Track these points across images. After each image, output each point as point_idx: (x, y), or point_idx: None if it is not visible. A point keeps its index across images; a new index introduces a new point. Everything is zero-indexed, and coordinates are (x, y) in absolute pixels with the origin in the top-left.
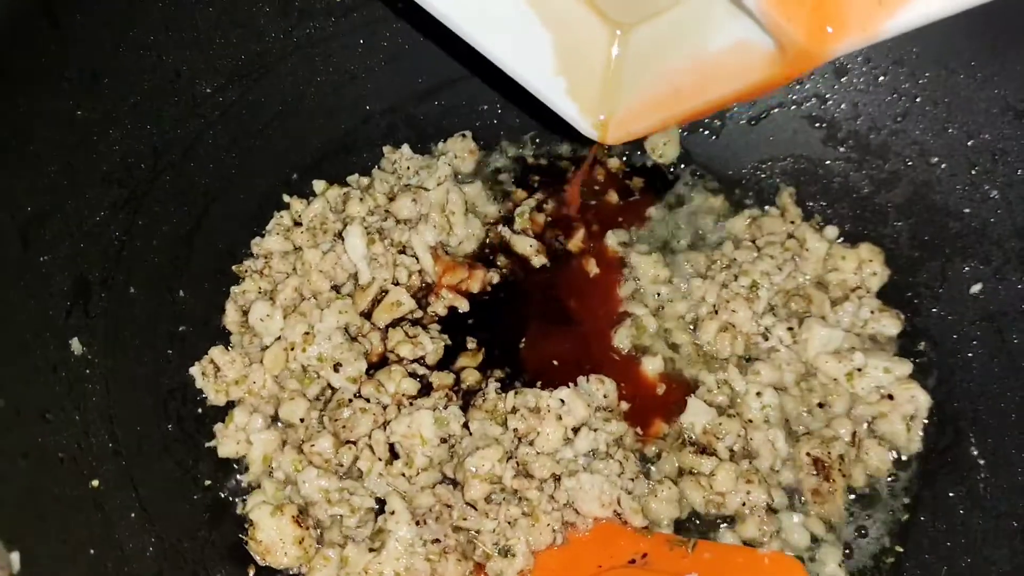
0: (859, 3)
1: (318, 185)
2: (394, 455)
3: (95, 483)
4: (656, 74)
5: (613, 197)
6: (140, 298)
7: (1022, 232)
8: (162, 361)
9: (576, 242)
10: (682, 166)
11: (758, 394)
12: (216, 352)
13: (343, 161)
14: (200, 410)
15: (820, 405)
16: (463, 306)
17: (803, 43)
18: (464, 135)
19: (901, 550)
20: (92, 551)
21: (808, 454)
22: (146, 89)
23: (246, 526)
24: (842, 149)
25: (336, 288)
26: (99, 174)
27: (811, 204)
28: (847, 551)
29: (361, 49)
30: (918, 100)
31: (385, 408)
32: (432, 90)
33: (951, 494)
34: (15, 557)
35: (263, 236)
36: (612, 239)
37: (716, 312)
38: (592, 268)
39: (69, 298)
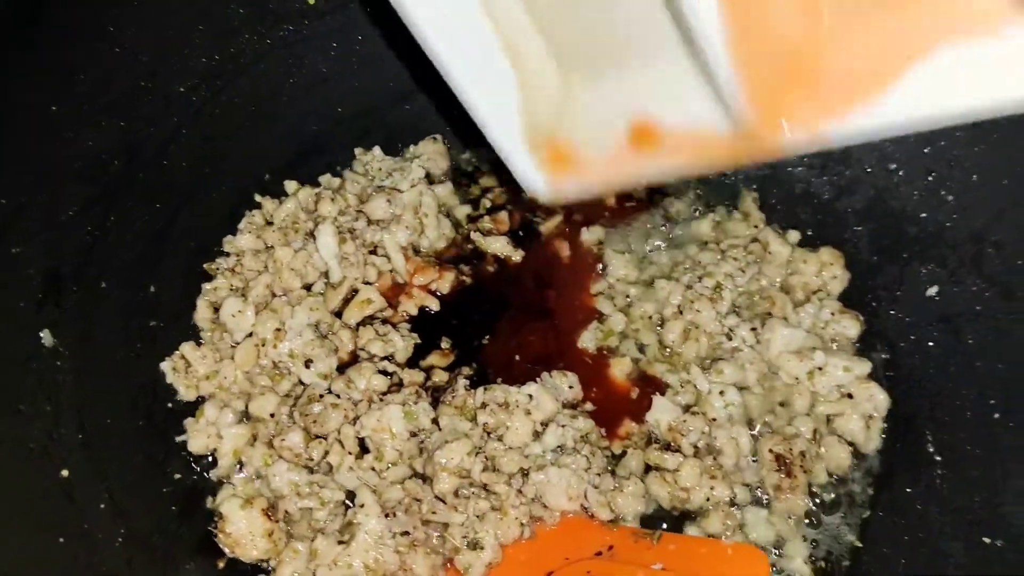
0: (808, 106)
1: (290, 186)
2: (364, 450)
3: (65, 473)
4: (599, 136)
5: (610, 199)
6: (111, 293)
7: (977, 236)
8: (132, 356)
9: (550, 226)
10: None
11: (721, 393)
12: (187, 348)
13: (315, 162)
14: (170, 405)
15: (782, 404)
16: (434, 306)
17: (753, 126)
18: (435, 138)
19: (860, 544)
20: (62, 539)
21: (771, 450)
22: (120, 87)
23: (215, 519)
24: (804, 156)
25: (307, 287)
26: (73, 169)
27: (774, 209)
28: (811, 546)
29: (334, 52)
30: None
31: (356, 404)
32: (403, 94)
33: (909, 489)
34: None
35: (235, 235)
36: (588, 235)
37: (681, 312)
38: (564, 251)
39: (41, 290)
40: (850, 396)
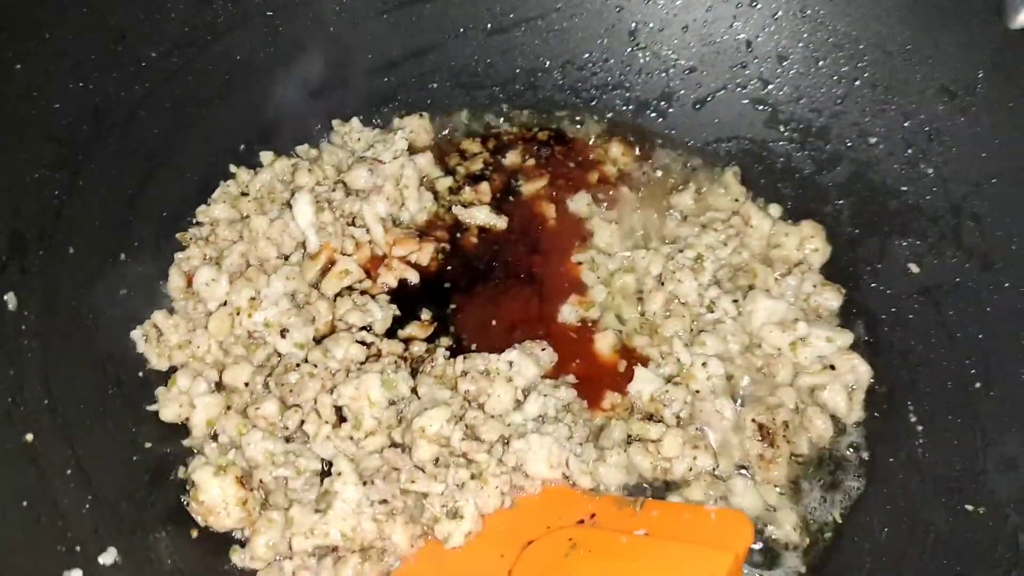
0: None
1: (266, 156)
2: (341, 419)
3: (29, 437)
4: None
5: (593, 177)
6: (79, 259)
7: (956, 209)
8: (101, 323)
9: (532, 188)
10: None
11: (704, 364)
12: (159, 316)
13: (290, 133)
14: (141, 373)
15: (764, 375)
16: (413, 278)
17: None
18: (422, 115)
19: (843, 514)
20: (25, 503)
21: (753, 420)
22: (88, 48)
23: (188, 488)
24: (784, 131)
25: (284, 258)
26: (39, 130)
27: (755, 184)
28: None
29: (310, 24)
30: (857, 83)
31: (333, 374)
32: (381, 66)
33: (891, 459)
34: None
35: (209, 204)
36: (574, 204)
37: (662, 284)
38: (550, 214)
39: (5, 252)
40: (832, 367)
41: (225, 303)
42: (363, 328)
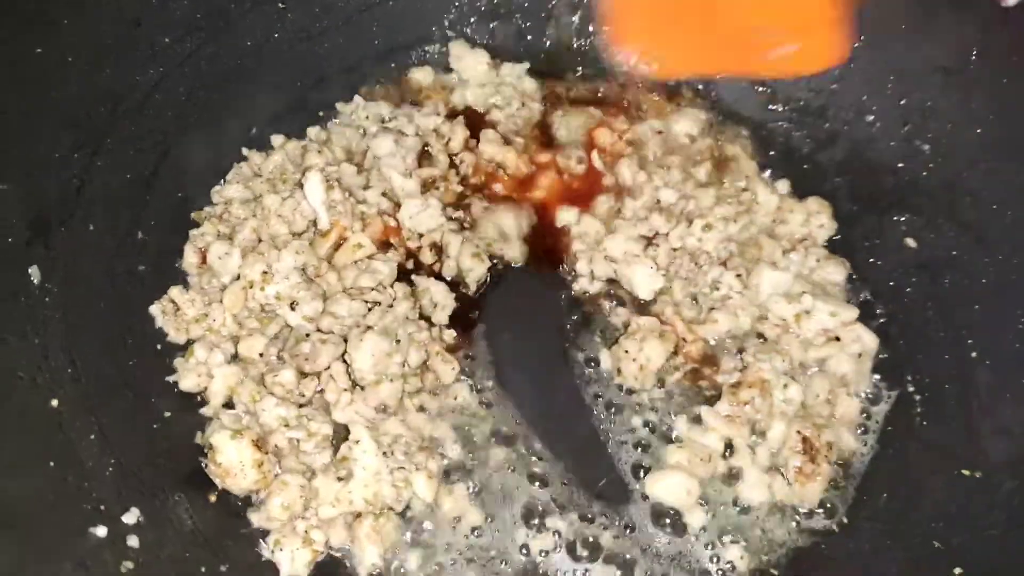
0: None
1: (276, 139)
2: (356, 385)
3: (55, 403)
4: None
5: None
6: (99, 236)
7: (950, 184)
8: (121, 297)
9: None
10: None
11: (785, 386)
12: (175, 292)
13: (300, 118)
14: (159, 346)
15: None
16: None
17: None
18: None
19: (842, 481)
20: (52, 464)
21: (798, 431)
22: (105, 35)
23: (206, 451)
24: (783, 111)
25: (296, 235)
26: (59, 114)
27: (756, 163)
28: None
29: (318, 10)
30: (853, 64)
31: (345, 339)
32: (387, 52)
33: (889, 427)
34: None
35: (223, 185)
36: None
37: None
38: (574, 167)
39: (29, 229)
40: (837, 339)
41: (238, 277)
42: (374, 289)
